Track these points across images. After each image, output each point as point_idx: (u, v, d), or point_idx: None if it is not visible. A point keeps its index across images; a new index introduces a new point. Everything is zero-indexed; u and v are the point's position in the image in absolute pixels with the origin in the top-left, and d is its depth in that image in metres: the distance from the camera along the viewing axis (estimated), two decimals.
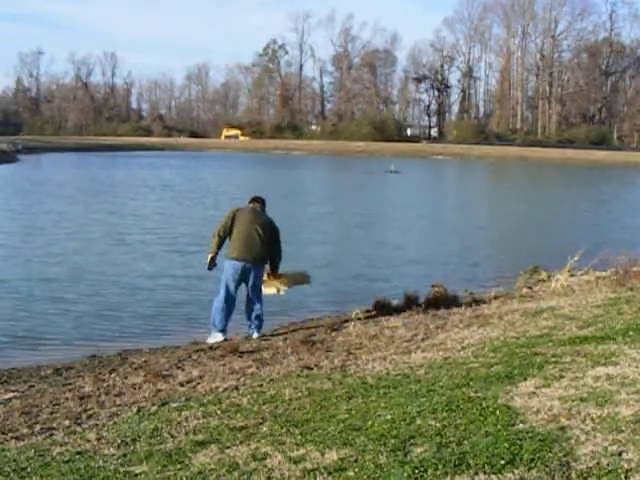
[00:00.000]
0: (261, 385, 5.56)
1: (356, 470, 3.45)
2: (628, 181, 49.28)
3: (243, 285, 8.23)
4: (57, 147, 70.02)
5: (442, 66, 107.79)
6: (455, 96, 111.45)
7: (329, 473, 3.46)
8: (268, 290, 8.58)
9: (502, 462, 3.33)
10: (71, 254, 14.53)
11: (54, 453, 4.20)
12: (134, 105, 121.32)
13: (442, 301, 9.19)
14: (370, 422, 4.15)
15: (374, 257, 15.15)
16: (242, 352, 7.18)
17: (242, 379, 5.90)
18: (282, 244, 8.41)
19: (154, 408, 5.13)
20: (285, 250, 8.55)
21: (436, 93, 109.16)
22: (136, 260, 13.94)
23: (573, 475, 3.18)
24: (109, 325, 9.14)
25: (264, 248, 8.12)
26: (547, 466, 3.27)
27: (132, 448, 4.16)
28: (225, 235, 8.16)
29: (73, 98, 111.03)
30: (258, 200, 8.50)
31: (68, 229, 18.21)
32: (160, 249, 15.34)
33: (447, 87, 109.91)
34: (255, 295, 8.25)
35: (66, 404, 5.50)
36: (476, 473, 3.27)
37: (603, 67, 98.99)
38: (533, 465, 3.29)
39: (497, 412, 4.05)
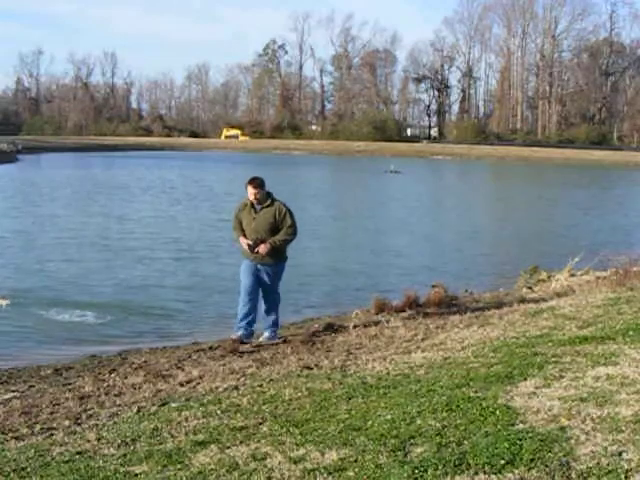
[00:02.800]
0: (261, 385, 5.56)
1: (356, 470, 3.44)
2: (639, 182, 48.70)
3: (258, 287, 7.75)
4: (57, 147, 70.05)
5: (442, 66, 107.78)
6: (455, 96, 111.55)
7: (329, 473, 3.46)
8: None
9: (502, 462, 3.32)
10: (69, 254, 14.54)
11: (54, 453, 4.20)
12: (134, 105, 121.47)
13: (442, 301, 9.19)
14: (370, 422, 4.15)
15: (374, 257, 15.15)
16: (242, 352, 7.18)
17: (242, 379, 5.90)
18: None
19: (154, 408, 5.13)
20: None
21: (436, 93, 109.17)
22: (134, 262, 13.93)
23: (573, 475, 3.18)
24: (109, 325, 9.15)
25: None
26: (547, 466, 3.26)
27: (132, 448, 4.16)
28: None
29: (73, 98, 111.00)
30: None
31: (68, 230, 18.22)
32: (158, 252, 15.34)
33: (447, 87, 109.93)
34: None
35: (66, 404, 5.50)
36: (476, 473, 3.26)
37: (603, 67, 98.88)
38: (533, 465, 3.28)
39: (497, 412, 4.05)
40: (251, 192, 7.48)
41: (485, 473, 3.25)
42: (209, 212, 22.70)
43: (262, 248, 7.39)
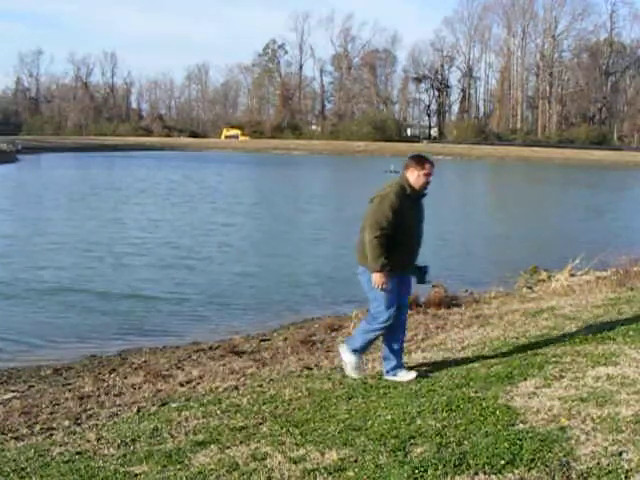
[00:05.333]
0: (261, 385, 5.56)
1: (356, 470, 3.44)
2: None
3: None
4: (57, 147, 70.00)
5: (442, 66, 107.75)
6: (455, 96, 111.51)
7: (329, 473, 3.46)
8: None
9: (502, 462, 3.33)
10: (69, 255, 14.54)
11: (54, 453, 4.20)
12: (134, 105, 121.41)
13: (442, 301, 9.19)
14: (370, 422, 4.15)
15: None
16: (242, 352, 7.18)
17: (242, 379, 5.90)
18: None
19: (154, 408, 5.13)
20: (284, 253, 8.48)
21: (436, 93, 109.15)
22: (135, 264, 13.91)
23: (573, 475, 3.18)
24: (109, 325, 9.14)
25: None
26: (547, 466, 3.26)
27: (132, 448, 4.16)
28: None
29: (73, 98, 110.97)
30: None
31: (73, 232, 18.22)
32: (159, 254, 15.35)
33: (447, 87, 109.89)
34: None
35: (66, 404, 5.50)
36: (476, 473, 3.26)
37: (603, 67, 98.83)
38: (533, 465, 3.28)
39: (497, 412, 4.05)
40: (427, 172, 5.17)
41: (485, 473, 3.25)
42: (211, 215, 22.56)
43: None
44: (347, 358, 5.41)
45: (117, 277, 12.33)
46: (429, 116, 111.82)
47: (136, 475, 3.71)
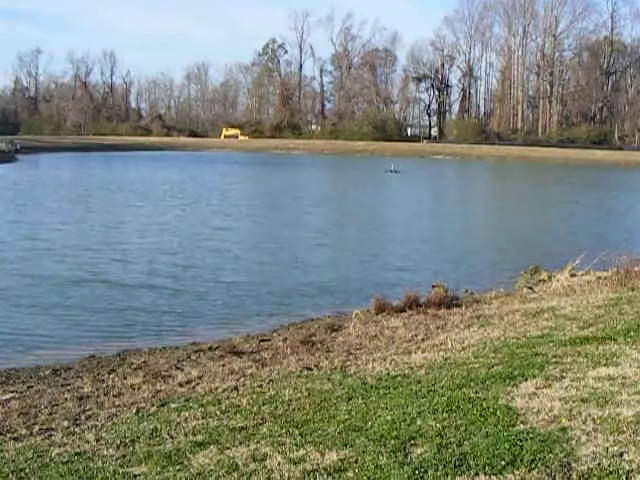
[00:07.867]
0: (261, 386, 5.55)
1: (356, 471, 3.43)
2: None
3: None
4: (56, 147, 69.93)
5: (442, 65, 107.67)
6: (455, 95, 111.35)
7: (329, 474, 3.44)
8: None
9: (503, 463, 3.31)
10: (68, 258, 14.52)
11: (53, 454, 4.19)
12: (133, 104, 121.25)
13: (442, 301, 9.18)
14: (370, 423, 4.13)
15: (375, 258, 15.12)
16: (241, 352, 7.16)
17: (242, 380, 5.89)
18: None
19: (153, 409, 5.12)
20: (284, 254, 8.48)
21: (436, 92, 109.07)
22: (131, 264, 13.89)
23: (574, 476, 3.17)
24: (108, 326, 9.12)
25: None
26: (548, 467, 3.25)
27: (131, 449, 4.15)
28: None
29: (72, 97, 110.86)
30: None
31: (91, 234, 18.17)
32: (159, 256, 15.34)
33: (447, 86, 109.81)
34: None
35: (65, 405, 5.49)
36: (477, 474, 3.25)
37: (604, 66, 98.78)
38: (534, 466, 3.27)
39: (498, 413, 4.04)
40: None
41: (486, 474, 3.24)
42: (213, 218, 22.47)
43: None
44: None
45: (116, 278, 12.30)
46: (429, 116, 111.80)
47: (135, 476, 3.70)
